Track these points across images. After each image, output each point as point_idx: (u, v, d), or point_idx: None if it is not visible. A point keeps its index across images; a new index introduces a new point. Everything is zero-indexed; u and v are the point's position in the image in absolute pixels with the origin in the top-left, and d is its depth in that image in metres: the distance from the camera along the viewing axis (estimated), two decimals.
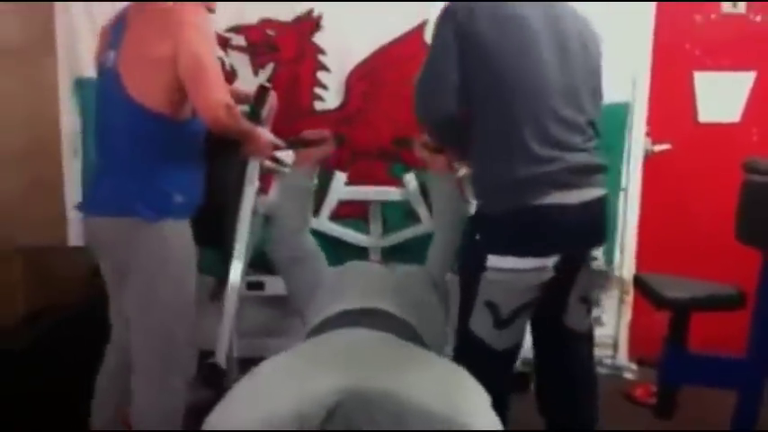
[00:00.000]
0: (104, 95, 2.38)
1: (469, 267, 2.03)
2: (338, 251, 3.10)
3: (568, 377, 2.17)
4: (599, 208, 2.06)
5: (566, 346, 2.15)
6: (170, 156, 2.31)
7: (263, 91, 2.72)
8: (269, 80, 3.24)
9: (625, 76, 3.45)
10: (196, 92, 2.25)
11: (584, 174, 1.99)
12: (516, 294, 1.98)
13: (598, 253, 2.07)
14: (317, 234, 3.07)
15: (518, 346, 2.11)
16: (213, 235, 2.60)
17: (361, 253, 3.23)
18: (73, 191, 3.40)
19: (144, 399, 2.39)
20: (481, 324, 2.03)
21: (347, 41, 3.30)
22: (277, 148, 2.61)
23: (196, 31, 2.26)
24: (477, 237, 2.04)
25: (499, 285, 1.97)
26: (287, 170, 2.65)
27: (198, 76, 2.24)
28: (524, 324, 2.08)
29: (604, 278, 2.11)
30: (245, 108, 2.69)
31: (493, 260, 1.95)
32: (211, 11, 2.43)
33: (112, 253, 2.39)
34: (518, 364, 2.27)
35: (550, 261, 1.93)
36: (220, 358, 2.65)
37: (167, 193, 2.30)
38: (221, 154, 2.50)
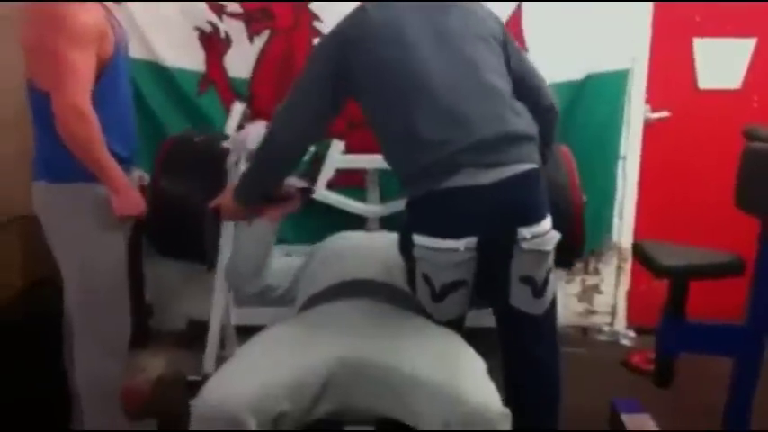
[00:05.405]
0: None
1: (405, 241, 2.05)
2: (335, 220, 3.09)
3: (519, 358, 2.12)
4: (521, 185, 1.94)
5: (514, 328, 2.09)
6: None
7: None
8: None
9: (624, 44, 3.42)
10: (51, 90, 2.18)
11: (498, 149, 1.92)
12: (441, 271, 1.97)
13: (541, 230, 1.97)
14: (315, 203, 3.06)
15: (460, 317, 2.09)
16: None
17: (358, 221, 3.22)
18: None
19: (78, 365, 2.43)
20: (422, 295, 2.04)
21: (343, 8, 3.24)
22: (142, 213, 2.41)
23: (57, 24, 2.16)
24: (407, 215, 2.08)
25: (425, 261, 1.98)
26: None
27: (53, 74, 2.17)
28: (463, 299, 2.04)
29: (547, 259, 2.01)
30: None
31: (416, 238, 1.97)
32: None
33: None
34: None
35: (462, 243, 1.90)
36: (214, 328, 2.66)
37: (57, 159, 2.26)
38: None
